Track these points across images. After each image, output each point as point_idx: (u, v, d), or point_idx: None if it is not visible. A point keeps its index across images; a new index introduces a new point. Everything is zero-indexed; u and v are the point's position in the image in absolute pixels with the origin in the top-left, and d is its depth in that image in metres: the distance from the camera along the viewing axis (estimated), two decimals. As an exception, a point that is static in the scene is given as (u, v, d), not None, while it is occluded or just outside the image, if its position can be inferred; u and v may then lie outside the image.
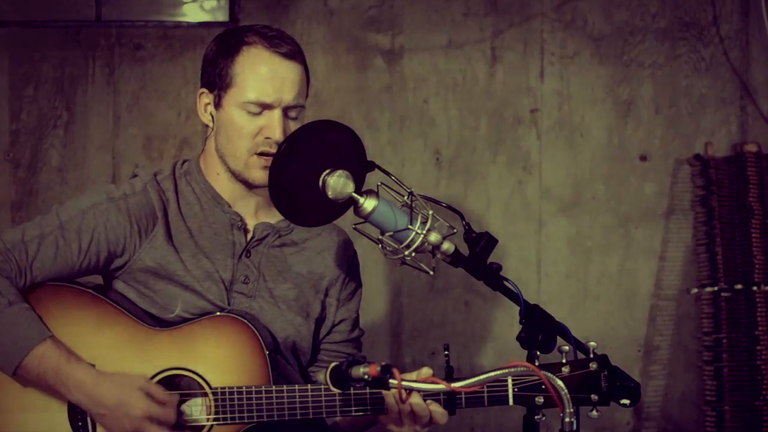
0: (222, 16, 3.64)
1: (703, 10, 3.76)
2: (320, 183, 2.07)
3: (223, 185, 2.38)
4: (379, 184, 2.11)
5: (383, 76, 3.68)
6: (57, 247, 2.25)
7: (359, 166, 2.11)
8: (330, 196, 2.06)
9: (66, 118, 3.59)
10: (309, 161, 2.07)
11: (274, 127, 2.27)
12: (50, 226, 2.27)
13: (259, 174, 2.29)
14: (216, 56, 2.33)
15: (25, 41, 3.57)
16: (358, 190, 2.08)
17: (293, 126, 2.29)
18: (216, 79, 2.32)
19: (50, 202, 3.53)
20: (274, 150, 2.25)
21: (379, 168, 2.13)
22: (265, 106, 2.28)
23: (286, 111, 2.29)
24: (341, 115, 3.62)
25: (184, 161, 2.44)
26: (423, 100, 3.69)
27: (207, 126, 2.38)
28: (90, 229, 2.28)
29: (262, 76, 2.28)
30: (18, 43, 3.57)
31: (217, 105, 2.32)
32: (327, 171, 2.07)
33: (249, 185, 2.34)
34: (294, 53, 2.31)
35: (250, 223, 2.41)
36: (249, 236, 2.39)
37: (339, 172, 2.07)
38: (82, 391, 2.18)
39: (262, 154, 2.28)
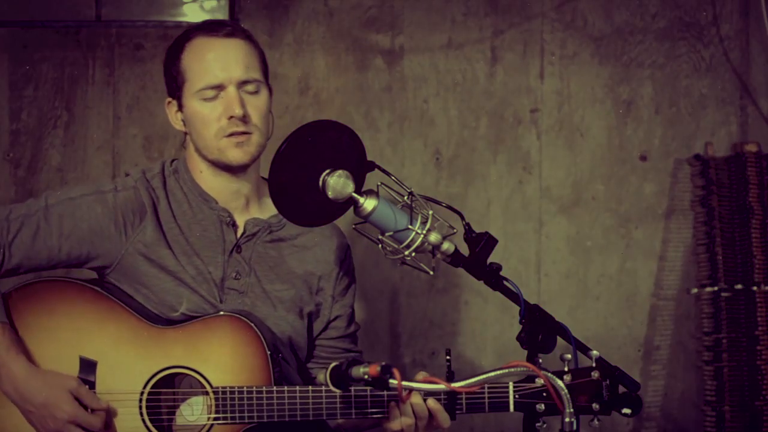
0: (222, 16, 3.63)
1: (703, 10, 3.75)
2: (320, 183, 2.07)
3: (209, 182, 2.40)
4: (379, 184, 2.11)
5: (383, 76, 3.67)
6: (38, 227, 2.27)
7: (359, 166, 2.12)
8: (330, 196, 2.07)
9: (66, 118, 3.59)
10: (309, 161, 2.07)
11: (232, 104, 2.30)
12: (35, 208, 2.31)
13: (234, 153, 2.32)
14: (168, 63, 2.40)
15: (25, 41, 3.57)
16: (358, 190, 2.08)
17: (254, 101, 2.33)
18: (173, 83, 2.38)
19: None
20: (241, 128, 2.29)
21: (379, 168, 2.13)
22: (218, 87, 2.31)
23: (240, 87, 2.32)
24: (341, 115, 3.61)
25: (173, 160, 2.49)
26: (423, 100, 3.69)
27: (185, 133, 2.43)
28: (73, 216, 2.30)
29: (207, 61, 2.32)
30: (18, 43, 3.57)
31: (181, 106, 2.38)
32: (327, 171, 2.07)
33: (230, 168, 2.37)
34: (234, 31, 2.36)
35: (240, 219, 2.42)
36: (239, 232, 2.40)
37: (339, 172, 2.07)
38: (11, 384, 2.18)
39: (231, 134, 2.30)
